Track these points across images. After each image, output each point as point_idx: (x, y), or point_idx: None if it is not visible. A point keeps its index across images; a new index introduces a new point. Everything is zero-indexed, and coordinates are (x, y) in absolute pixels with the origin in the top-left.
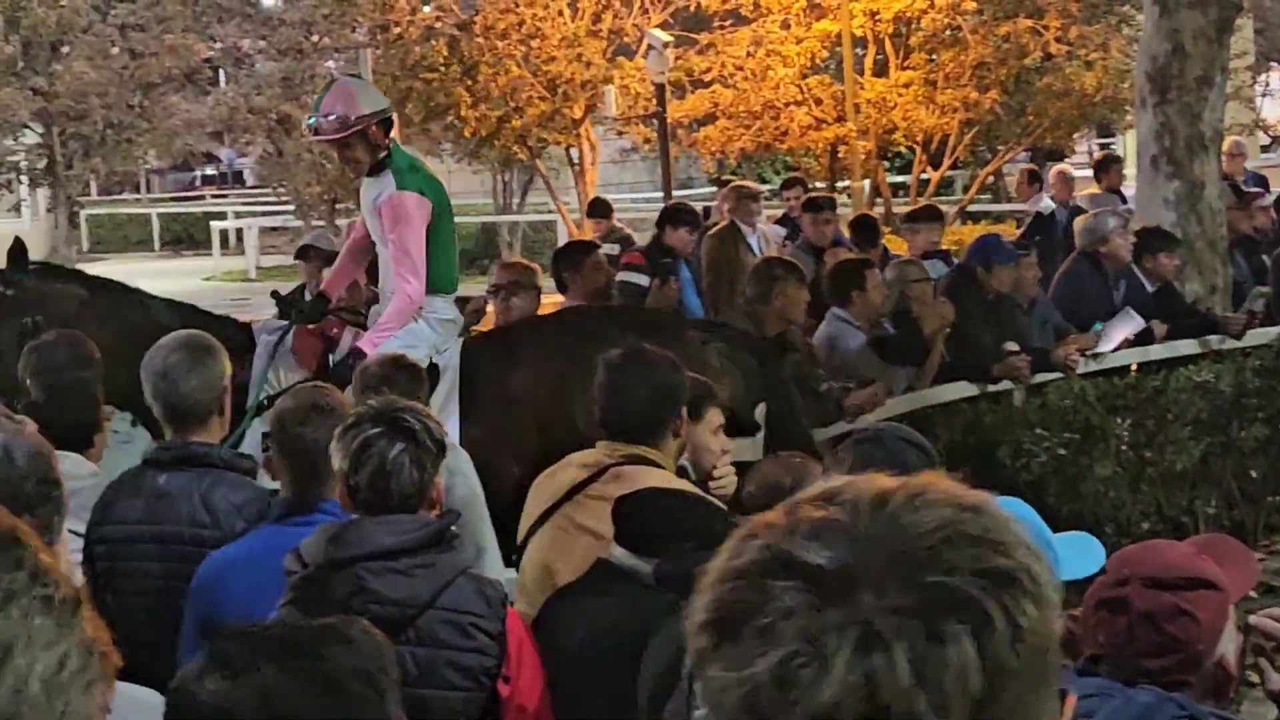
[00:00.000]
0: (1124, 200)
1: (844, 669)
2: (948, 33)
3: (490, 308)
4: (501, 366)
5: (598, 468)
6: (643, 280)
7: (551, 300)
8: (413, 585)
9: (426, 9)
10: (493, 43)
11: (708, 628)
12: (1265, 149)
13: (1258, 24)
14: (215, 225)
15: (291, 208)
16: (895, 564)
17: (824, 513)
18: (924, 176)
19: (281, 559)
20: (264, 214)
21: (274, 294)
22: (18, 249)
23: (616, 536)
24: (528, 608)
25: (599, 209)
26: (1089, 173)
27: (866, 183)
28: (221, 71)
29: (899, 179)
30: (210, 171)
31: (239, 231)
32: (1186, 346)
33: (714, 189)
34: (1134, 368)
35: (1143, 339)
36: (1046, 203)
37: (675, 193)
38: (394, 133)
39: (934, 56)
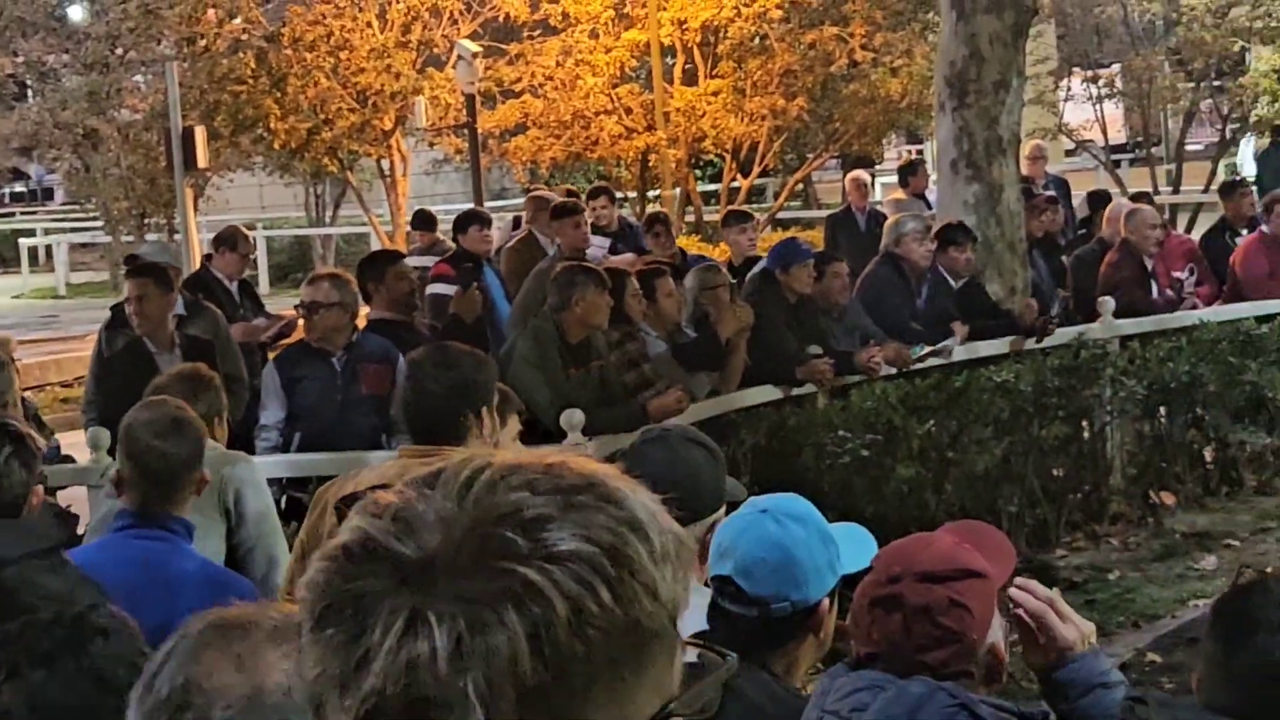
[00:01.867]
0: (929, 205)
1: (385, 655)
2: (755, 41)
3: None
4: None
5: None
6: (450, 290)
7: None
8: (63, 580)
9: (235, 22)
10: (301, 54)
11: (304, 605)
12: (1070, 153)
13: (1060, 29)
14: (24, 243)
15: (100, 224)
16: (465, 550)
17: (416, 495)
18: (734, 184)
19: (130, 571)
20: (73, 230)
21: None
22: None
23: None
24: None
25: (423, 221)
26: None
27: (677, 191)
28: (27, 86)
29: (710, 187)
30: (19, 188)
31: (48, 248)
32: (988, 347)
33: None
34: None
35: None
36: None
37: (489, 203)
38: (203, 146)
39: (742, 65)
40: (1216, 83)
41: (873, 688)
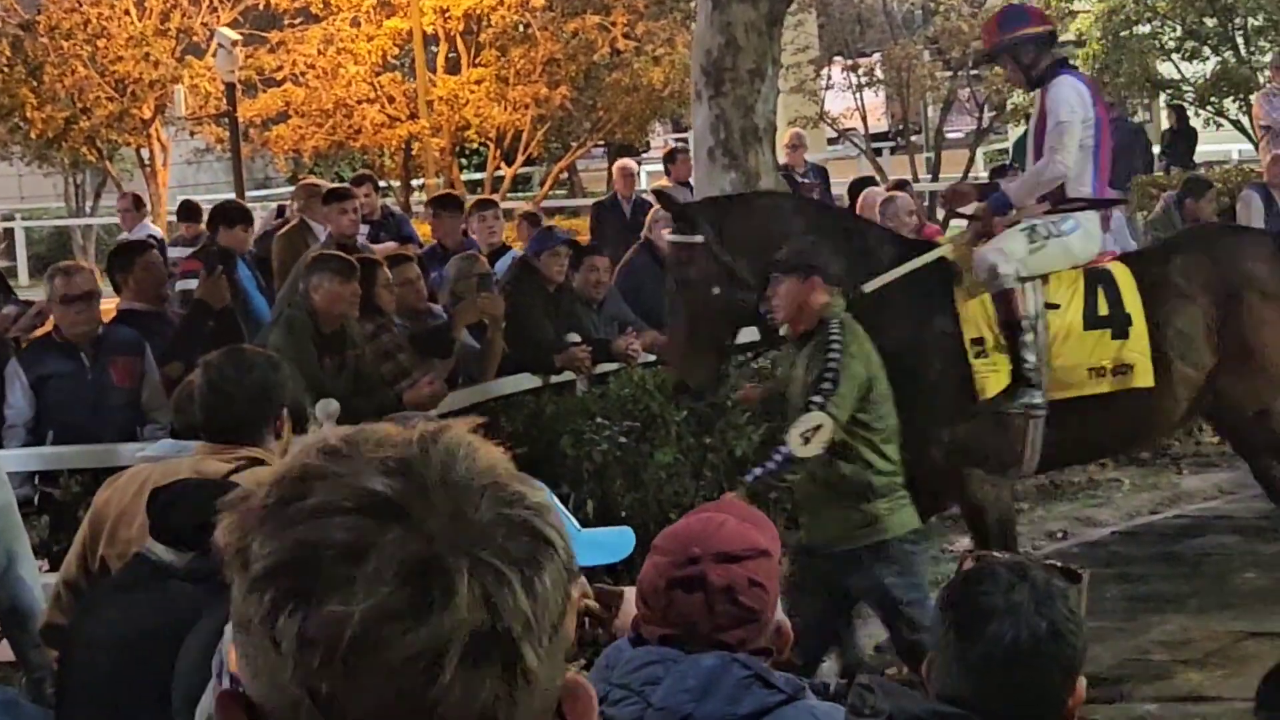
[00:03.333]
0: (693, 191)
1: (465, 594)
2: (518, 29)
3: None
4: None
5: (216, 478)
6: None
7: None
8: None
9: None
10: (58, 43)
11: (283, 572)
12: (831, 141)
13: (821, 19)
14: None
15: None
16: (468, 497)
17: (386, 451)
18: (499, 173)
19: None
20: None
21: None
22: None
23: (152, 529)
24: None
25: (189, 212)
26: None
27: (441, 179)
28: None
29: (476, 176)
30: None
31: None
32: (744, 334)
33: (291, 188)
34: None
35: None
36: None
37: (252, 192)
38: None
39: (505, 53)
40: (974, 71)
41: (664, 661)
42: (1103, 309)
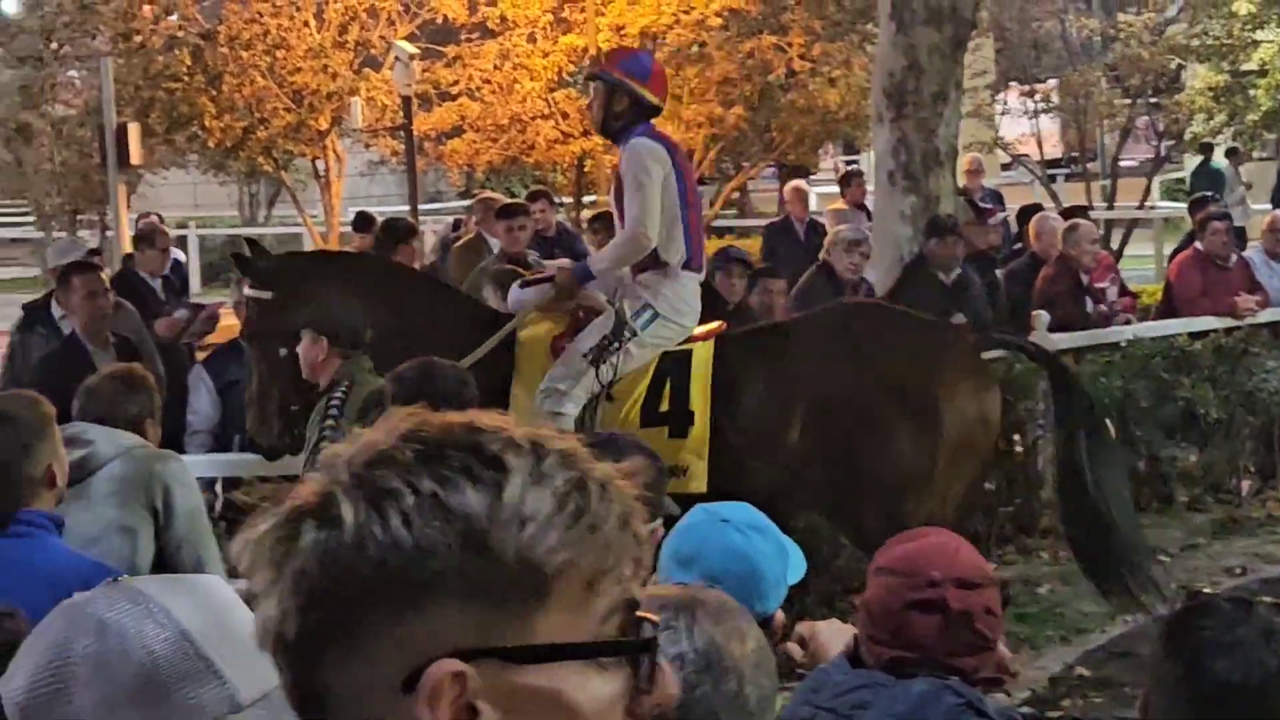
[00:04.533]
0: (869, 215)
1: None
2: (693, 49)
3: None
4: None
5: None
6: None
7: None
8: None
9: (171, 18)
10: (237, 53)
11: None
12: (1005, 167)
13: (998, 44)
14: None
15: (32, 219)
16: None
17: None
18: None
19: None
20: (4, 225)
21: None
22: None
23: None
24: None
25: (364, 224)
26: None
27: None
28: None
29: None
30: None
31: None
32: None
33: (463, 202)
34: None
35: None
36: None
37: (424, 206)
38: (136, 143)
39: (680, 72)
40: (1153, 99)
41: (874, 685)
42: (664, 404)
